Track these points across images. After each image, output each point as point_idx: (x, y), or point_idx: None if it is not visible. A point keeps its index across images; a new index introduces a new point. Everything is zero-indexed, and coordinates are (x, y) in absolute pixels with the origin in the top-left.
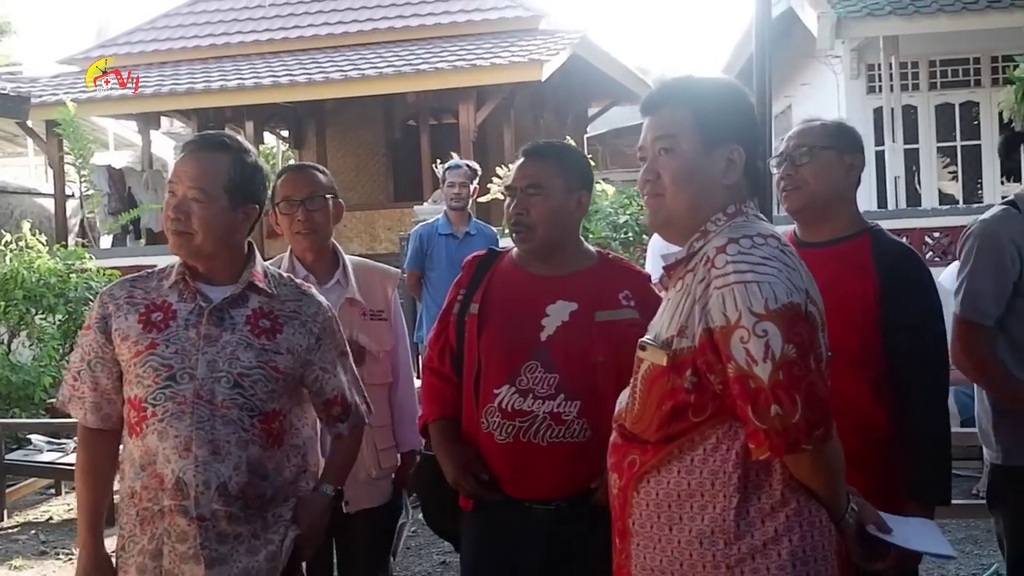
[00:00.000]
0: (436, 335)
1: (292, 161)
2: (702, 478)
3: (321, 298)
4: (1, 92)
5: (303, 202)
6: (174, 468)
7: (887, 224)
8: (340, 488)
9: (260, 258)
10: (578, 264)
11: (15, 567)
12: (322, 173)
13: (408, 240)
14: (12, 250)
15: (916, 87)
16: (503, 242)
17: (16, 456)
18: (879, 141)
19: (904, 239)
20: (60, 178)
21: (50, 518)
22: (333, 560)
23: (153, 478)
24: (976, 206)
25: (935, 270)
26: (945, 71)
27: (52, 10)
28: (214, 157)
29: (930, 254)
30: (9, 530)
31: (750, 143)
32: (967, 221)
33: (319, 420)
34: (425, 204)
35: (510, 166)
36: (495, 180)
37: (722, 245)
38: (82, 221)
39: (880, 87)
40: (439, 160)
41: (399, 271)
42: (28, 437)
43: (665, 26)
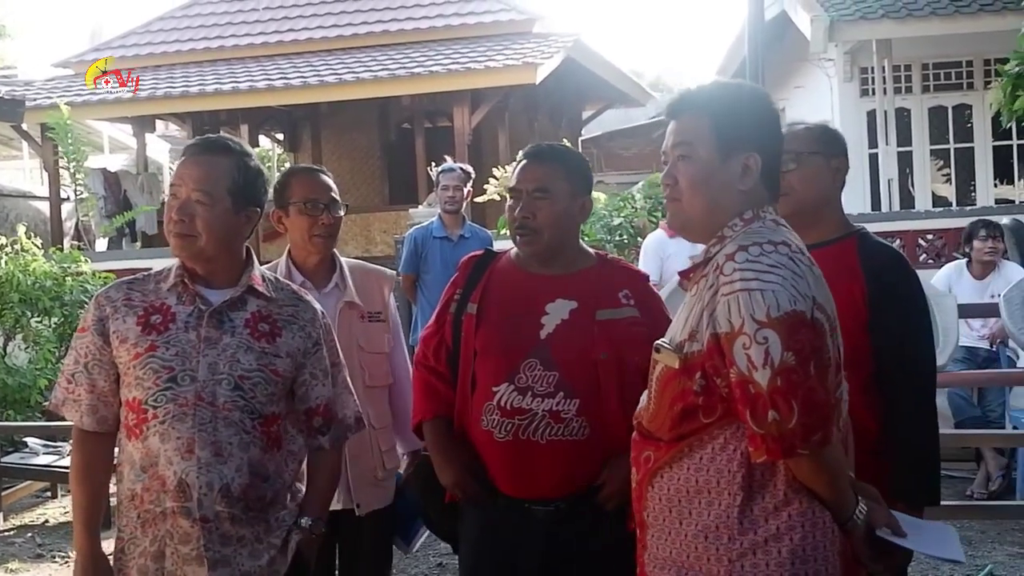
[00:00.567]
0: (431, 333)
1: (288, 164)
2: (709, 476)
3: (317, 304)
4: None
5: (327, 206)
6: (176, 470)
7: (881, 226)
8: (320, 518)
9: (257, 262)
10: (577, 264)
11: (11, 570)
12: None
13: (403, 243)
14: (7, 253)
15: (909, 90)
16: (497, 244)
17: (12, 459)
18: (872, 144)
19: (898, 241)
20: (55, 181)
21: (46, 521)
22: (335, 561)
23: (155, 480)
24: (969, 208)
25: (928, 272)
26: (938, 74)
27: (47, 14)
28: (217, 160)
29: (924, 256)
30: (5, 533)
31: (769, 150)
32: (960, 223)
33: (300, 433)
34: (420, 207)
35: (506, 168)
36: (490, 182)
37: (732, 252)
38: (77, 224)
39: (873, 90)
40: (434, 163)
41: (395, 273)
42: (24, 440)
43: (659, 29)
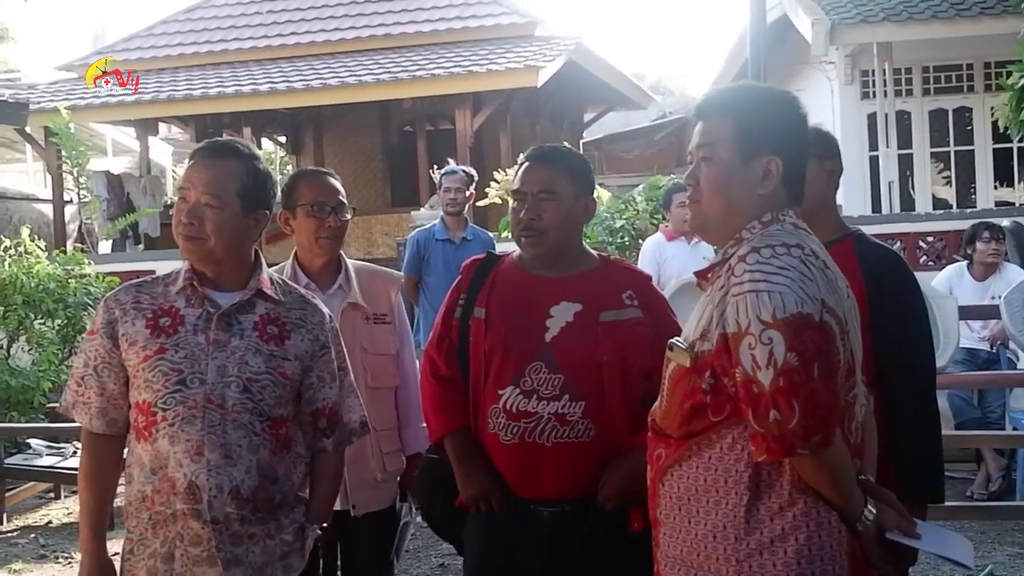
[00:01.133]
0: (439, 339)
1: (290, 167)
2: (717, 475)
3: (324, 308)
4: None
5: (335, 209)
6: (186, 472)
7: (881, 229)
8: (325, 525)
9: (265, 265)
10: (580, 266)
11: (15, 571)
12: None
13: (405, 245)
14: (11, 255)
15: (910, 93)
16: (499, 247)
17: (15, 460)
18: (873, 146)
19: (898, 243)
20: (58, 184)
21: (49, 522)
22: (337, 562)
23: (164, 482)
24: (969, 211)
25: (928, 274)
26: (938, 77)
27: (50, 17)
28: (227, 163)
29: (924, 258)
30: (8, 534)
31: (792, 154)
32: (961, 226)
33: (304, 434)
34: (422, 209)
35: (509, 171)
36: (492, 185)
37: (744, 254)
38: (80, 227)
39: (874, 93)
40: (436, 166)
41: (401, 275)
42: (27, 441)
43: (660, 32)
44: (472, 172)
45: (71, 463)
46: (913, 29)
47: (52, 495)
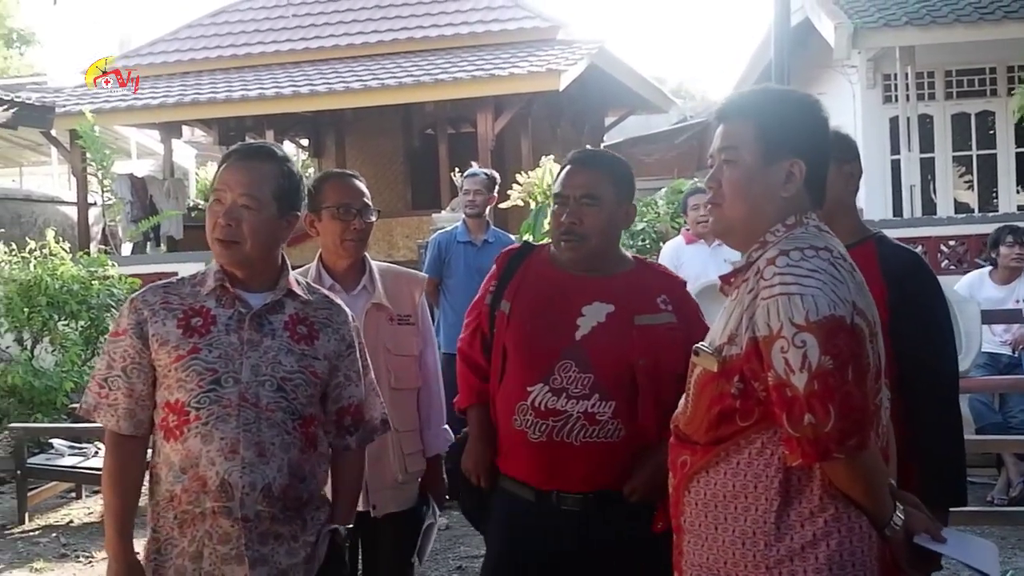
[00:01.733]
0: (469, 321)
1: (312, 170)
2: (746, 480)
3: (347, 309)
4: (26, 102)
5: (360, 211)
6: (219, 470)
7: (902, 232)
8: (350, 527)
9: (290, 266)
10: (615, 267)
11: (36, 569)
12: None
13: (427, 247)
14: (36, 257)
15: (932, 97)
16: None
17: (38, 460)
18: (895, 150)
19: (920, 248)
20: (83, 187)
21: (71, 521)
22: (358, 563)
23: (195, 481)
24: (991, 215)
25: (951, 278)
26: (961, 81)
27: (76, 21)
28: (262, 166)
29: (946, 262)
30: (30, 533)
31: (815, 157)
32: (983, 230)
33: (328, 433)
34: (443, 212)
35: (530, 174)
36: (514, 188)
37: (773, 257)
38: (104, 229)
39: (896, 97)
40: (457, 169)
41: (426, 276)
42: (50, 441)
43: (682, 36)
44: (495, 175)
45: (93, 463)
46: (936, 33)
47: (73, 495)
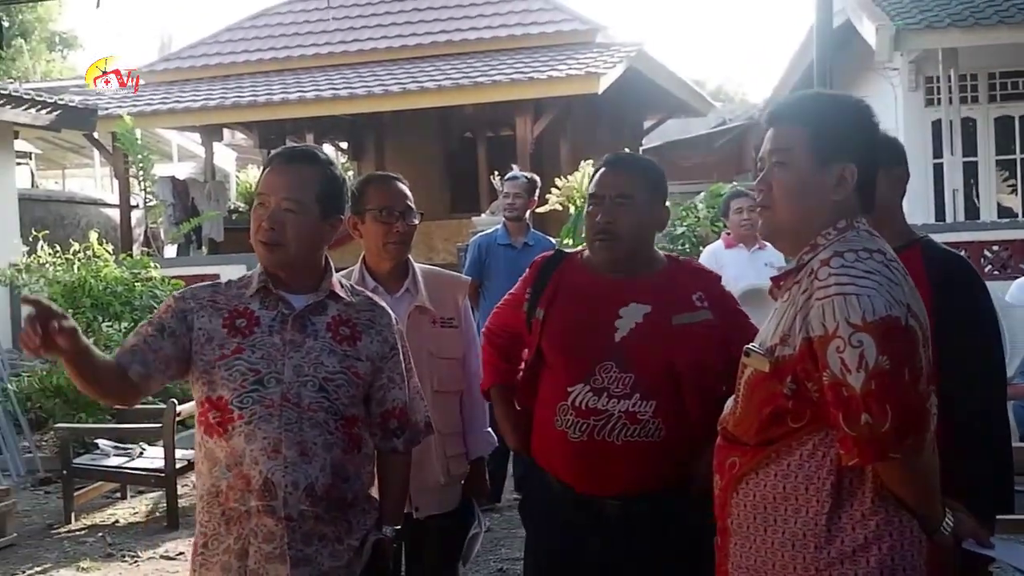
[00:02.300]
0: (505, 312)
1: (351, 173)
2: (797, 482)
3: (391, 311)
4: (69, 105)
5: (403, 214)
6: (262, 469)
7: (945, 237)
8: (399, 528)
9: (333, 267)
10: (648, 267)
11: (82, 568)
12: (406, 184)
13: (467, 250)
14: (80, 259)
15: (975, 99)
16: None
17: (83, 460)
18: (937, 154)
19: (963, 252)
20: (125, 189)
21: (116, 521)
22: (401, 565)
23: (239, 479)
24: None
25: (994, 283)
26: (1005, 83)
27: (118, 24)
28: (305, 169)
29: (989, 267)
30: (76, 532)
31: (866, 162)
32: None
33: (373, 436)
34: (483, 215)
35: (569, 177)
36: (552, 192)
37: (827, 258)
38: (146, 231)
39: (939, 99)
40: (496, 172)
41: (469, 279)
42: (95, 441)
43: (722, 38)
44: (535, 178)
45: (137, 463)
46: (979, 35)
47: (118, 495)
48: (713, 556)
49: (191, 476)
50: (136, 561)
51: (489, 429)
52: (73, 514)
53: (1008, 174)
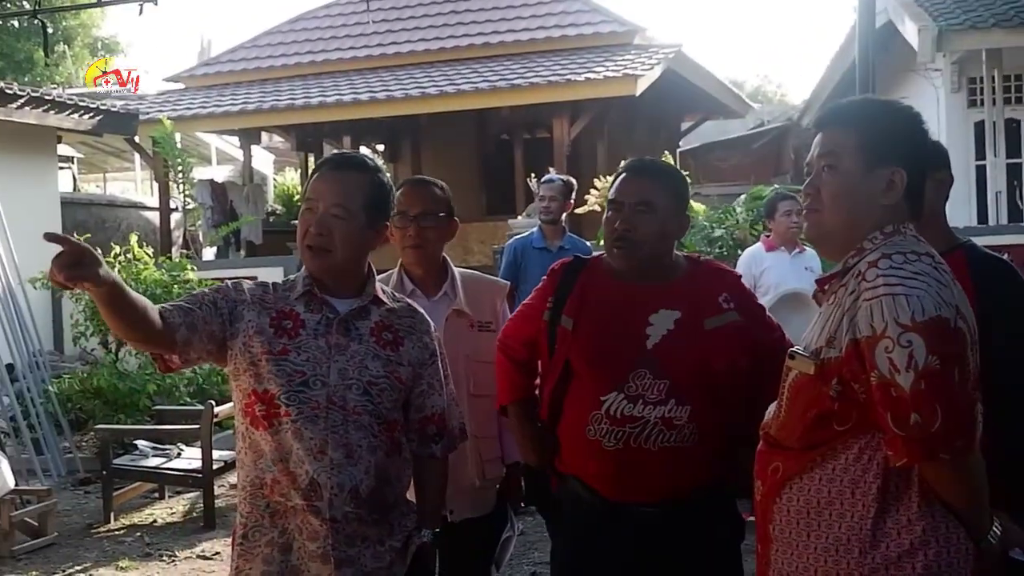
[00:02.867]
0: (519, 327)
1: (388, 175)
2: (842, 486)
3: (430, 318)
4: (110, 109)
5: (416, 218)
6: (308, 469)
7: (988, 240)
8: (438, 530)
9: (376, 273)
10: (672, 273)
11: (121, 568)
12: (440, 189)
13: (503, 252)
14: (120, 262)
15: (1019, 100)
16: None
17: (122, 461)
18: (980, 156)
19: (1006, 255)
20: (165, 192)
21: (154, 521)
22: (435, 568)
23: (285, 475)
24: None
25: None
26: None
27: (159, 30)
28: (353, 176)
29: None
30: (115, 532)
31: (915, 167)
32: None
33: (411, 441)
34: (519, 218)
35: (607, 179)
36: (591, 193)
37: (875, 260)
38: (185, 234)
39: (982, 100)
40: (533, 174)
41: (508, 283)
42: (134, 442)
43: (760, 39)
44: (571, 181)
45: (176, 464)
46: None
47: (157, 495)
48: (736, 564)
49: (228, 477)
50: (174, 561)
51: None
52: (112, 514)
53: None
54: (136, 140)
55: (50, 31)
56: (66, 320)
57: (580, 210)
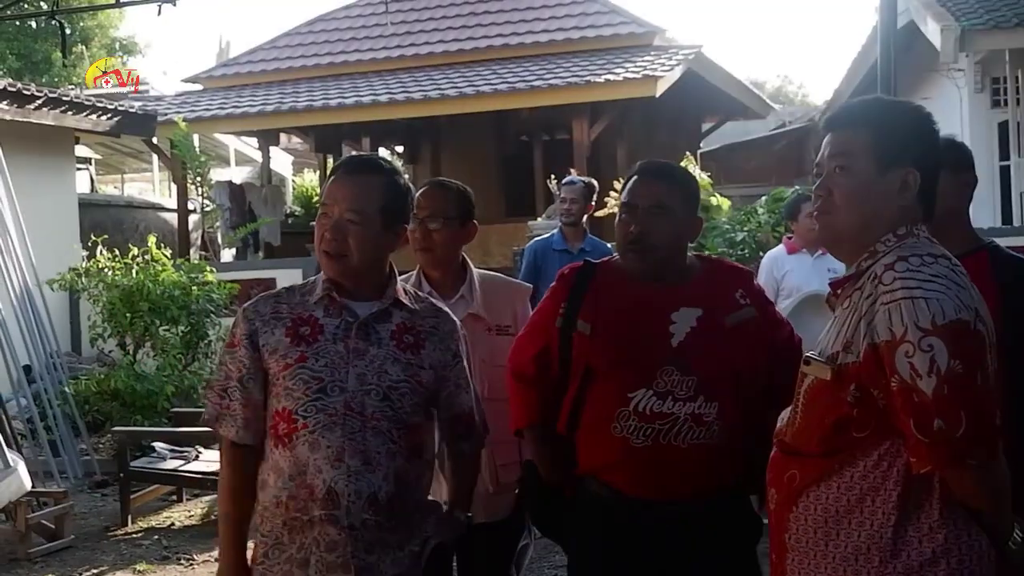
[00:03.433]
0: (527, 342)
1: (407, 176)
2: (862, 494)
3: (455, 317)
4: (128, 110)
5: (424, 220)
6: (326, 478)
7: (1013, 241)
8: (470, 515)
9: (397, 275)
10: (688, 273)
11: (138, 571)
12: (456, 192)
13: (523, 255)
14: (138, 263)
15: None
16: None
17: (140, 463)
18: (1004, 156)
19: None
20: (183, 193)
21: (172, 524)
22: (451, 571)
23: (302, 488)
24: None
25: None
26: None
27: (178, 31)
28: (368, 179)
29: None
30: (133, 535)
31: (928, 167)
32: None
33: (442, 440)
34: (540, 219)
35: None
36: (611, 195)
37: (891, 263)
38: (203, 235)
39: (1005, 101)
40: (552, 175)
41: (530, 286)
42: (152, 444)
43: (781, 39)
44: (592, 183)
45: (194, 467)
46: None
47: (174, 498)
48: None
49: None
50: (191, 564)
51: None
52: (129, 517)
53: None
54: (154, 141)
55: (68, 32)
56: (83, 321)
57: (600, 213)
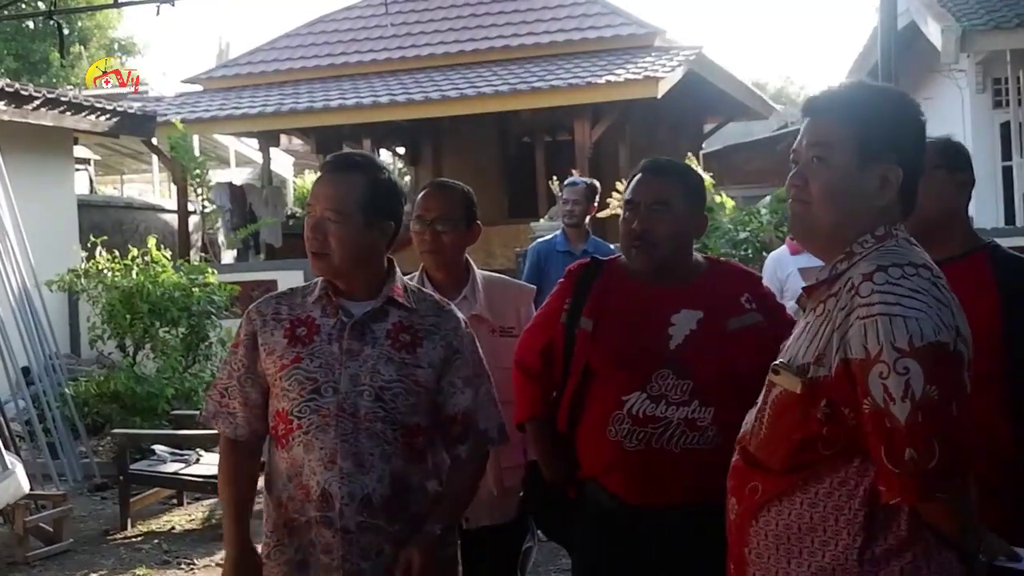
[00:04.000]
0: (534, 336)
1: (408, 178)
2: (826, 512)
3: (460, 315)
4: (127, 111)
5: (432, 222)
6: (319, 480)
7: (1015, 241)
8: (450, 525)
9: (399, 273)
10: (692, 274)
11: (138, 575)
12: (460, 193)
13: (525, 256)
14: (138, 264)
15: None
16: None
17: (140, 466)
18: (1006, 156)
19: None
20: (183, 194)
21: (172, 528)
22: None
23: (299, 489)
24: None
25: None
26: None
27: (177, 32)
28: (349, 177)
29: None
30: (133, 539)
31: (911, 163)
32: None
33: (441, 442)
34: (542, 220)
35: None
36: (613, 196)
37: (869, 272)
38: (203, 236)
39: (1007, 101)
40: (555, 176)
41: (534, 288)
42: (152, 448)
43: (782, 39)
44: (595, 184)
45: (194, 470)
46: None
47: (175, 501)
48: None
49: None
50: (192, 568)
51: None
52: (129, 520)
53: None
54: (154, 142)
55: (66, 32)
56: (83, 323)
57: (602, 214)
